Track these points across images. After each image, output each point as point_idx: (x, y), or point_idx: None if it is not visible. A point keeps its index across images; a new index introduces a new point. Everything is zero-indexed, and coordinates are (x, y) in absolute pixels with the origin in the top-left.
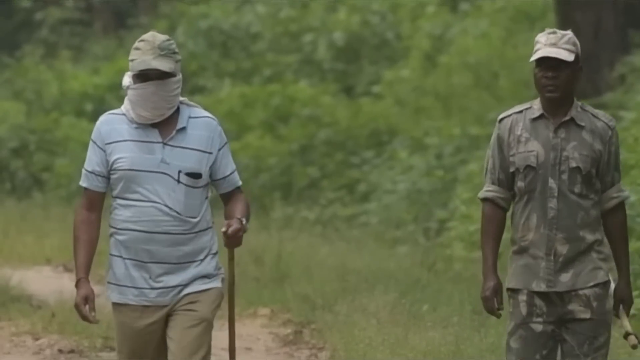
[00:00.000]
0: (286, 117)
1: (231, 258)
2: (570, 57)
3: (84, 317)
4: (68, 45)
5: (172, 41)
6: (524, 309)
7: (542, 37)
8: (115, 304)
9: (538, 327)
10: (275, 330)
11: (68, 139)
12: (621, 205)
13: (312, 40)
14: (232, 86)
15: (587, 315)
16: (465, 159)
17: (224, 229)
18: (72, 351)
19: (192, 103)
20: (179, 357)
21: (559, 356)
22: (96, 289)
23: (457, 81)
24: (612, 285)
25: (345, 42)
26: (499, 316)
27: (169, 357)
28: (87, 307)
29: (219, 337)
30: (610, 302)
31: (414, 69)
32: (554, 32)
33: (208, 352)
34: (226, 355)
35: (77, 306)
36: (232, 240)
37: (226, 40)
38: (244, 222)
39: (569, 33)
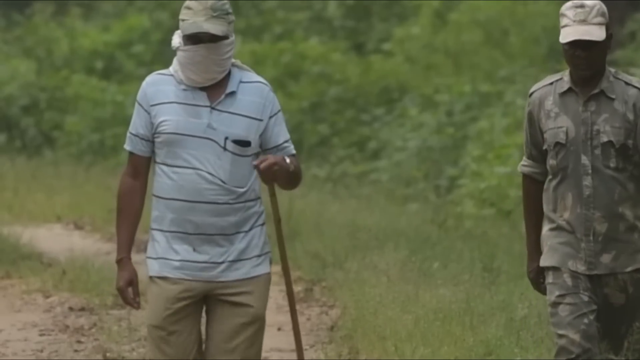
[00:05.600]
0: (296, 74)
1: (272, 194)
2: (602, 35)
3: (128, 302)
4: (78, 2)
5: (225, 1)
6: (569, 280)
7: (569, 11)
8: (152, 278)
9: (585, 297)
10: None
11: (78, 97)
12: None
13: None
14: (242, 43)
15: (622, 301)
16: (476, 116)
17: (255, 162)
18: (82, 309)
19: (244, 66)
20: (226, 358)
21: None
22: (107, 246)
23: (467, 38)
24: None
25: None
26: (545, 293)
27: (212, 355)
28: (130, 290)
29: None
30: None
31: (424, 26)
32: (582, 6)
33: (259, 354)
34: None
35: (120, 290)
36: (266, 174)
37: None
38: (287, 160)
39: (597, 3)
